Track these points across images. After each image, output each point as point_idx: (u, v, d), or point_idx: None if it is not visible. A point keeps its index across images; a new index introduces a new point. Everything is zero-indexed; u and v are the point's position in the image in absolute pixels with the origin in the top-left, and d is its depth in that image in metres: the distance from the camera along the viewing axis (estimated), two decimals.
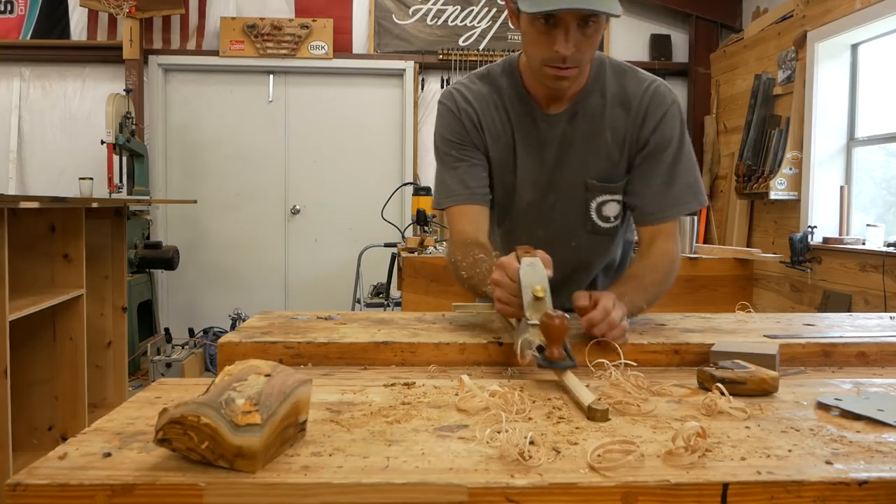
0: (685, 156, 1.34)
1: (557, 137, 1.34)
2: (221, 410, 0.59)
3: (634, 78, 1.34)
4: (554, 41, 1.16)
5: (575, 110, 1.33)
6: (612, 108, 1.32)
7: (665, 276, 1.28)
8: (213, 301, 5.34)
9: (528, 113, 1.35)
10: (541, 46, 1.19)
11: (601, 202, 1.37)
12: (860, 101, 4.04)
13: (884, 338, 1.11)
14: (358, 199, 5.38)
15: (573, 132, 1.34)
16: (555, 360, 0.88)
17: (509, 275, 1.02)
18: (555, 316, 0.89)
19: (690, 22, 5.40)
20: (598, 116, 1.33)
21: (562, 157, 1.35)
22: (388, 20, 5.33)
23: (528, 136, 1.35)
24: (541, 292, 0.96)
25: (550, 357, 0.89)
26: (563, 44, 1.16)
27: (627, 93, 1.33)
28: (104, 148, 4.53)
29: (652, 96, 1.32)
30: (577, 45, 1.17)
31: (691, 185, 1.34)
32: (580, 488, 0.57)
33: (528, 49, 1.24)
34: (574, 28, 1.15)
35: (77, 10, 5.12)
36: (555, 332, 0.89)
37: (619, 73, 1.35)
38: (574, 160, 1.35)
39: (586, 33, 1.17)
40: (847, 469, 0.60)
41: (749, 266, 3.09)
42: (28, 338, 2.72)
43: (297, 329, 1.13)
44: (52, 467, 0.60)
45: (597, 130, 1.33)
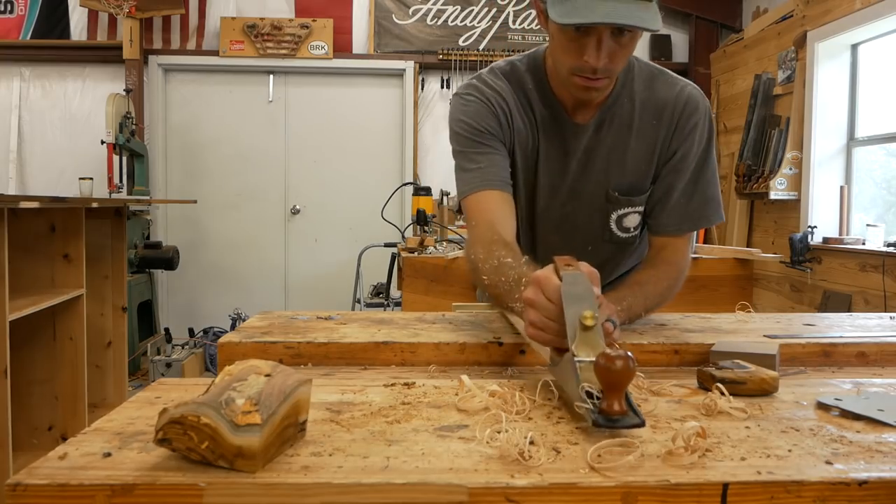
0: (710, 167, 1.29)
1: (582, 147, 1.28)
2: (221, 410, 0.59)
3: (665, 82, 1.27)
4: (584, 51, 1.09)
5: (602, 119, 1.27)
6: (642, 117, 1.26)
7: (668, 289, 1.23)
8: (213, 301, 5.35)
9: (554, 118, 1.28)
10: (570, 55, 1.12)
11: (622, 214, 1.32)
12: (860, 101, 4.04)
13: (884, 338, 1.11)
14: (358, 199, 5.39)
15: (598, 143, 1.28)
16: (615, 415, 0.65)
17: (547, 294, 0.84)
18: (616, 357, 0.66)
19: (690, 22, 5.40)
20: (625, 126, 1.27)
21: (585, 167, 1.29)
22: (388, 20, 5.33)
23: (552, 143, 1.29)
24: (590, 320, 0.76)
25: (609, 411, 0.66)
26: (594, 55, 1.09)
27: (658, 99, 1.26)
28: (104, 148, 4.53)
29: (686, 104, 1.25)
30: (610, 56, 1.10)
31: (713, 198, 1.29)
32: (580, 488, 0.57)
33: (557, 55, 1.17)
34: (608, 38, 1.08)
35: (77, 10, 5.12)
36: (616, 379, 0.66)
37: (649, 78, 1.28)
38: (597, 171, 1.29)
39: (621, 43, 1.10)
40: (847, 469, 0.60)
41: (749, 266, 3.09)
42: (28, 338, 2.72)
43: (297, 329, 1.13)
44: (52, 467, 0.60)
45: (623, 141, 1.27)
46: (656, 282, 1.21)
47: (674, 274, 1.25)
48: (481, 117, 1.25)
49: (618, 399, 0.66)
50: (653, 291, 1.19)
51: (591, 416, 0.66)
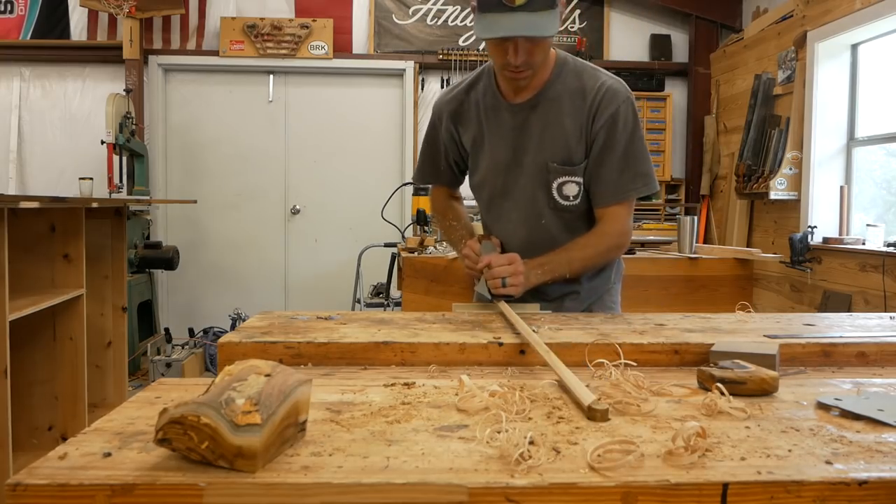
0: (636, 146, 1.51)
1: (520, 123, 1.54)
2: (221, 410, 0.59)
3: (591, 75, 1.52)
4: (506, 52, 1.39)
5: (537, 101, 1.53)
6: (571, 100, 1.51)
7: (597, 253, 1.54)
8: (213, 301, 5.34)
9: (496, 105, 1.57)
10: (498, 56, 1.43)
11: (561, 182, 1.54)
12: (860, 101, 4.04)
13: (884, 338, 1.11)
14: (358, 199, 5.39)
15: (535, 119, 1.53)
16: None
17: (474, 251, 1.53)
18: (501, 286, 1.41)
19: (690, 22, 5.40)
20: (557, 106, 1.51)
21: (525, 140, 1.54)
22: (388, 20, 5.33)
23: (495, 124, 1.57)
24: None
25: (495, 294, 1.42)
26: (513, 55, 1.39)
27: (584, 87, 1.50)
28: (104, 148, 4.53)
29: (605, 93, 1.49)
30: (528, 53, 1.38)
31: (642, 173, 1.52)
32: (580, 488, 0.57)
33: (491, 56, 1.48)
34: (521, 41, 1.36)
35: (77, 10, 5.12)
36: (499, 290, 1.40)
37: (579, 71, 1.53)
38: (536, 143, 1.53)
39: (534, 41, 1.38)
40: (847, 469, 0.60)
41: (749, 266, 3.09)
42: (28, 338, 2.72)
43: (297, 329, 1.13)
44: (52, 467, 0.60)
45: (556, 118, 1.51)
46: (582, 248, 1.53)
47: (603, 242, 1.55)
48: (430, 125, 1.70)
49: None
50: (577, 256, 1.52)
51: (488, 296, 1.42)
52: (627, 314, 1.43)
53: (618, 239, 1.57)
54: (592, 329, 1.17)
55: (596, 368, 0.93)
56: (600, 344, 1.02)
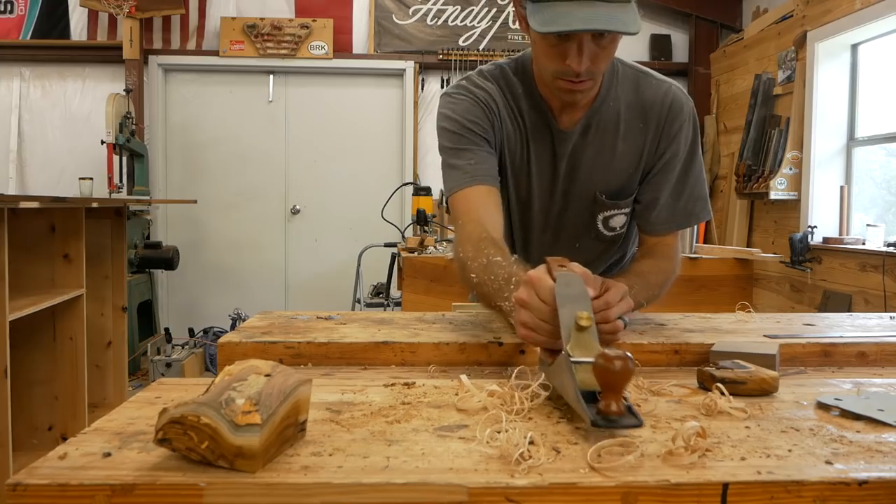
0: (696, 166, 1.31)
1: (569, 151, 1.29)
2: (221, 410, 0.59)
3: (650, 84, 1.28)
4: (566, 55, 1.10)
5: (588, 124, 1.27)
6: (628, 120, 1.27)
7: (666, 282, 1.26)
8: (213, 301, 5.35)
9: (543, 123, 1.29)
10: (552, 60, 1.13)
11: (608, 216, 1.34)
12: (860, 101, 4.04)
13: (884, 338, 1.11)
14: (358, 199, 5.39)
15: (585, 147, 1.29)
16: (613, 415, 0.65)
17: (541, 295, 0.84)
18: (615, 357, 0.65)
19: (690, 22, 5.40)
20: (611, 129, 1.27)
21: (572, 171, 1.30)
22: (388, 20, 5.33)
23: (542, 147, 1.30)
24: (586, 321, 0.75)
25: (608, 412, 0.65)
26: (575, 59, 1.10)
27: (644, 101, 1.27)
28: (104, 148, 4.53)
29: (671, 105, 1.26)
30: (592, 59, 1.11)
31: (700, 197, 1.31)
32: (580, 488, 0.57)
33: (540, 60, 1.18)
34: (588, 42, 1.09)
35: (77, 10, 5.12)
36: (615, 379, 0.65)
37: (634, 80, 1.28)
38: (584, 175, 1.30)
39: (601, 45, 1.11)
40: (847, 469, 0.60)
41: (749, 266, 3.09)
42: (28, 338, 2.72)
43: (297, 329, 1.13)
44: (52, 467, 0.60)
45: (610, 144, 1.28)
46: (657, 273, 1.24)
47: (669, 268, 1.28)
48: (470, 114, 1.25)
49: (616, 399, 0.65)
50: (654, 282, 1.22)
51: (590, 417, 0.65)
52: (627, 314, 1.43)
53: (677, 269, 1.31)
54: None
55: None
56: None
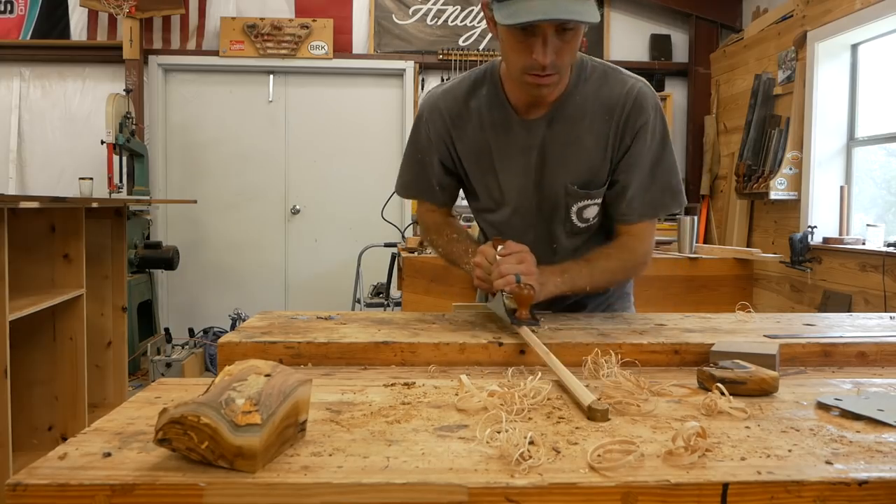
0: (666, 158, 1.35)
1: (537, 142, 1.33)
2: (221, 410, 0.59)
3: (616, 80, 1.33)
4: (532, 50, 1.16)
5: (553, 115, 1.32)
6: (594, 112, 1.31)
7: (621, 269, 1.37)
8: (213, 301, 5.34)
9: (505, 120, 1.34)
10: (519, 55, 1.19)
11: (581, 206, 1.37)
12: (860, 101, 4.04)
13: (884, 338, 1.11)
14: (358, 199, 5.38)
15: (552, 137, 1.33)
16: (523, 319, 1.12)
17: (487, 258, 1.24)
18: (524, 285, 1.14)
19: (690, 22, 5.40)
20: (578, 121, 1.32)
21: (542, 161, 1.34)
22: (388, 20, 5.33)
23: (504, 142, 1.35)
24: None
25: (520, 318, 1.12)
26: (541, 52, 1.16)
27: (610, 96, 1.31)
28: (104, 148, 4.53)
29: (634, 100, 1.30)
30: (557, 52, 1.17)
31: (670, 187, 1.35)
32: (580, 488, 0.57)
33: (508, 57, 1.24)
34: (552, 36, 1.15)
35: (77, 10, 5.12)
36: (524, 299, 1.13)
37: (601, 76, 1.33)
38: (554, 165, 1.34)
39: (564, 39, 1.17)
40: (847, 469, 0.60)
41: (749, 266, 3.09)
42: (28, 338, 2.72)
43: (297, 329, 1.13)
44: (52, 467, 0.60)
45: (577, 135, 1.32)
46: (606, 259, 1.35)
47: (628, 257, 1.37)
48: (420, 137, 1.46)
49: (525, 311, 1.13)
50: (601, 267, 1.33)
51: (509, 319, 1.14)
52: (627, 314, 1.43)
53: (643, 257, 1.39)
54: (592, 329, 1.17)
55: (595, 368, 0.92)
56: (600, 344, 1.02)
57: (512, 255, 1.20)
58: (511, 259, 1.20)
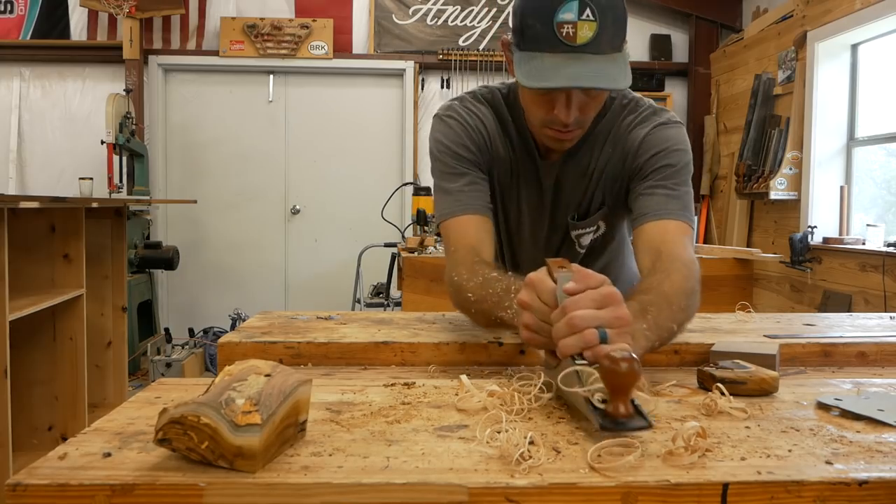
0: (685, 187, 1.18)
1: (552, 181, 1.29)
2: (221, 410, 0.59)
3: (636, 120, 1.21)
4: (554, 106, 1.08)
5: (570, 153, 1.25)
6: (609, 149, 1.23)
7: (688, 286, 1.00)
8: (213, 301, 5.35)
9: (528, 153, 1.27)
10: (540, 108, 1.11)
11: (578, 234, 1.34)
12: (860, 101, 4.04)
13: (884, 338, 1.11)
14: (358, 199, 5.39)
15: (565, 175, 1.28)
16: (621, 418, 0.64)
17: (542, 297, 0.80)
18: (621, 358, 0.64)
19: (690, 22, 5.40)
20: (585, 156, 1.25)
21: (555, 198, 1.31)
22: (388, 20, 5.33)
23: (529, 177, 1.29)
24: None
25: (616, 414, 0.64)
26: (564, 111, 1.07)
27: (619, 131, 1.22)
28: (104, 148, 4.53)
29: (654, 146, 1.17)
30: (581, 108, 1.09)
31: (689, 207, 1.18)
32: (580, 488, 0.57)
33: (528, 108, 1.16)
34: (577, 93, 1.07)
35: (77, 10, 5.12)
36: (621, 381, 0.64)
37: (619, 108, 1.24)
38: (565, 201, 1.31)
39: (591, 94, 1.09)
40: (847, 469, 0.60)
41: (749, 266, 3.09)
42: (28, 338, 2.72)
43: (297, 329, 1.13)
44: (52, 467, 0.60)
45: (584, 171, 1.27)
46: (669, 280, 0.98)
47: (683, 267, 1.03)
48: (461, 140, 1.23)
49: (623, 402, 0.64)
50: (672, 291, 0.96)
51: (597, 421, 0.65)
52: None
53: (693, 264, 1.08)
54: None
55: None
56: None
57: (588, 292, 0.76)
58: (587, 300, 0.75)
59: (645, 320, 0.86)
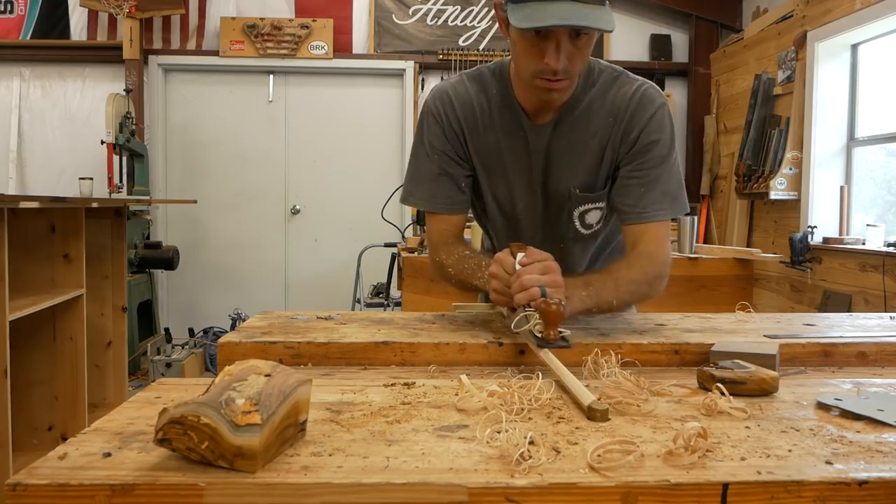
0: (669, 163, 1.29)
1: (543, 146, 1.32)
2: (221, 410, 0.59)
3: (622, 83, 1.31)
4: (544, 54, 1.15)
5: (560, 119, 1.31)
6: (598, 117, 1.30)
7: (644, 281, 1.23)
8: (213, 301, 5.34)
9: (515, 121, 1.33)
10: (532, 59, 1.18)
11: (584, 210, 1.36)
12: (860, 101, 4.04)
13: (884, 338, 1.11)
14: (358, 199, 5.39)
15: (557, 140, 1.32)
16: (551, 340, 0.96)
17: (505, 268, 1.11)
18: (552, 302, 0.97)
19: (690, 22, 5.40)
20: (582, 125, 1.31)
21: (548, 165, 1.34)
22: (388, 20, 5.33)
23: (515, 145, 1.34)
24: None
25: (547, 338, 0.97)
26: (553, 57, 1.15)
27: (615, 100, 1.30)
28: (104, 148, 4.53)
29: (638, 102, 1.28)
30: (569, 58, 1.16)
31: (670, 192, 1.28)
32: (580, 488, 0.57)
33: (519, 61, 1.23)
34: (566, 41, 1.14)
35: (77, 10, 5.12)
36: (552, 317, 0.97)
37: (607, 79, 1.32)
38: (559, 168, 1.33)
39: (578, 45, 1.16)
40: (847, 469, 0.60)
41: (749, 266, 3.09)
42: (28, 338, 2.72)
43: (297, 329, 1.13)
44: (52, 467, 0.60)
45: (581, 139, 1.31)
46: (627, 268, 1.23)
47: (648, 264, 1.25)
48: (436, 137, 1.35)
49: (552, 330, 0.97)
50: (624, 277, 1.21)
51: (535, 343, 0.98)
52: (627, 314, 1.43)
53: (662, 266, 1.27)
54: (592, 329, 1.17)
55: (596, 368, 0.92)
56: (600, 344, 1.02)
57: (535, 263, 1.07)
58: (534, 269, 1.06)
59: (585, 289, 1.14)
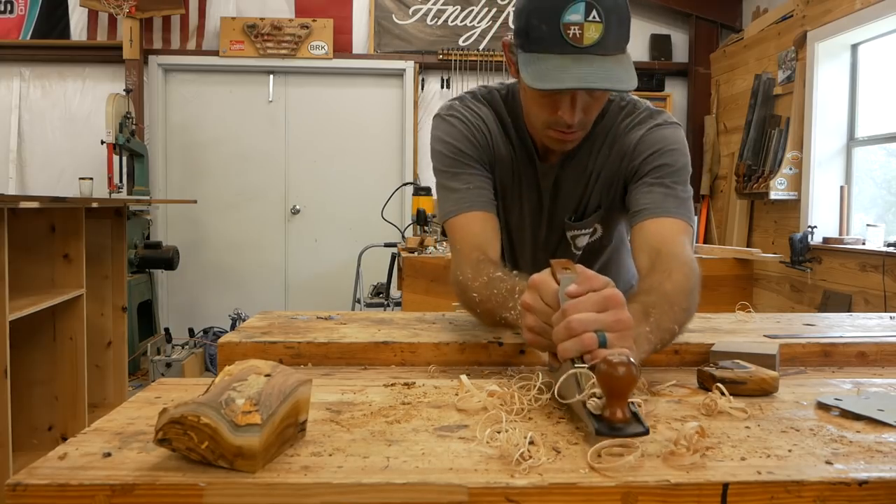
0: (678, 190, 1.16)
1: (551, 183, 1.28)
2: (221, 410, 0.59)
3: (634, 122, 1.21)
4: (558, 107, 1.07)
5: (567, 155, 1.25)
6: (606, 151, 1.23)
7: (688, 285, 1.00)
8: (213, 301, 5.35)
9: (528, 155, 1.27)
10: (543, 110, 1.10)
11: (574, 235, 1.33)
12: (860, 101, 4.04)
13: (884, 338, 1.11)
14: (358, 199, 5.39)
15: (564, 177, 1.27)
16: (618, 423, 0.63)
17: (545, 298, 0.80)
18: (618, 363, 0.63)
19: (690, 22, 5.40)
20: (589, 156, 1.24)
21: (553, 200, 1.30)
22: (388, 20, 5.33)
23: (528, 178, 1.29)
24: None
25: (612, 419, 0.63)
26: (568, 112, 1.07)
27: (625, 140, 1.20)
28: (104, 148, 4.54)
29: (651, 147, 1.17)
30: (585, 109, 1.09)
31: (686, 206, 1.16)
32: (580, 488, 0.57)
33: (530, 109, 1.15)
34: (582, 94, 1.06)
35: (77, 10, 5.12)
36: (618, 386, 0.63)
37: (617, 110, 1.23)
38: (562, 202, 1.30)
39: (594, 95, 1.09)
40: (847, 469, 0.60)
41: (749, 266, 3.09)
42: (28, 338, 2.72)
43: (297, 329, 1.13)
44: (52, 467, 0.60)
45: (581, 173, 1.26)
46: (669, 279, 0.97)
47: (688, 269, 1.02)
48: (464, 138, 1.22)
49: (620, 406, 0.63)
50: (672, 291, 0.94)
51: (594, 426, 0.63)
52: None
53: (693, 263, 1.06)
54: None
55: None
56: None
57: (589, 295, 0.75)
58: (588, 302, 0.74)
59: (647, 323, 0.85)
